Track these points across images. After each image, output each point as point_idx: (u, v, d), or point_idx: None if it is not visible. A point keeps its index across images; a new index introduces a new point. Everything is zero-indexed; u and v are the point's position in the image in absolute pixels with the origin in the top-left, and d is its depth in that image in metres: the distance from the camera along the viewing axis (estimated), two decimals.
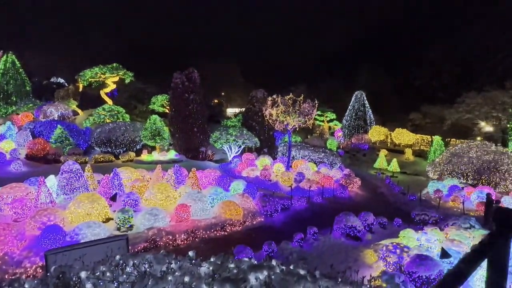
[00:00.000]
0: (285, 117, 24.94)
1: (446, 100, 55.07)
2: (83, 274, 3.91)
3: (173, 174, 18.92)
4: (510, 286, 6.71)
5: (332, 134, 51.80)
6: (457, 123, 47.76)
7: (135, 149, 30.98)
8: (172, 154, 30.10)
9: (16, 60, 44.68)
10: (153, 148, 31.41)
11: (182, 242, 13.77)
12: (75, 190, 16.30)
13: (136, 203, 15.88)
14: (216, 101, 72.73)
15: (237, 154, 31.43)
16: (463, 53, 67.31)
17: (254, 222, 16.35)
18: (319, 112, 51.48)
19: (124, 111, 40.00)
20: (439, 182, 24.90)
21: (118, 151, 30.02)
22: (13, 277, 9.40)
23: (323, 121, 54.65)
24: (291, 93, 26.21)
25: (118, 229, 13.80)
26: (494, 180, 24.76)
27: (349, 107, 47.54)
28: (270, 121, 25.79)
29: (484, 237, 2.05)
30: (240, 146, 31.48)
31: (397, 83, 72.34)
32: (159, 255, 4.50)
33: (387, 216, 17.09)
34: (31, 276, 10.76)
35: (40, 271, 10.86)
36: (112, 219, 14.50)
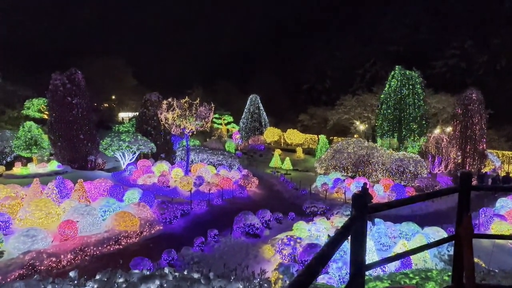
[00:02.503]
0: (182, 121, 24.50)
1: (329, 103, 61.87)
2: None
3: (55, 188, 16.78)
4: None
5: (230, 136, 52.97)
6: (338, 123, 54.13)
7: (4, 162, 26.49)
8: (54, 165, 26.65)
9: None
10: (29, 160, 27.34)
11: (68, 263, 12.32)
12: None
13: (7, 224, 13.60)
14: (105, 105, 67.22)
15: (131, 161, 29.55)
16: (340, 60, 76.50)
17: (153, 231, 15.64)
18: (216, 115, 52.11)
19: None
20: (325, 176, 27.71)
21: None
22: None
23: (221, 124, 55.49)
24: (187, 96, 25.88)
25: None
26: (368, 171, 28.72)
27: (245, 110, 49.34)
28: (166, 125, 25.00)
29: (346, 221, 2.36)
30: (134, 153, 29.69)
31: (287, 87, 78.09)
32: (32, 281, 3.94)
33: (282, 212, 18.27)
34: None
35: None
36: None
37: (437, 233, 13.56)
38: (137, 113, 40.39)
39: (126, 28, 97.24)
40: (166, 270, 3.74)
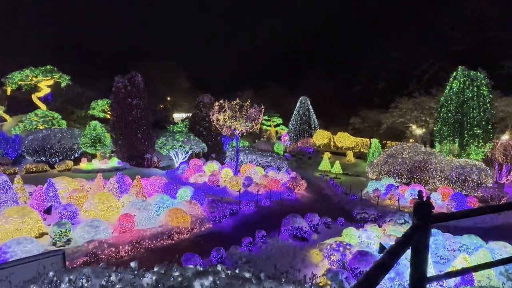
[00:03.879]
0: (233, 122, 25.03)
1: (382, 105, 59.31)
2: None
3: (116, 183, 18.02)
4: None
5: (279, 138, 53.02)
6: (392, 127, 51.68)
7: (73, 157, 28.99)
8: (114, 162, 28.64)
9: None
10: (93, 156, 29.66)
11: (126, 254, 13.14)
12: (2, 204, 14.80)
13: (74, 215, 14.85)
14: (161, 106, 70.78)
15: (184, 160, 30.81)
16: (396, 61, 73.03)
17: (203, 229, 16.12)
18: (266, 117, 52.48)
19: (60, 116, 37.27)
20: (377, 181, 26.63)
21: (53, 160, 27.88)
22: None
23: (270, 125, 55.76)
24: (237, 98, 26.40)
25: (54, 244, 12.79)
26: (424, 178, 27.08)
27: (295, 112, 49.10)
28: (217, 126, 25.71)
29: (407, 230, 2.26)
30: (187, 152, 30.91)
31: (338, 88, 76.29)
32: (98, 268, 4.27)
33: (331, 216, 17.87)
34: None
35: None
36: (47, 233, 13.40)
37: (504, 248, 12.40)
38: (190, 114, 42.02)
39: (180, 33, 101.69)
40: (219, 267, 3.84)
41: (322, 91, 70.19)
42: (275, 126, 56.43)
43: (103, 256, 12.56)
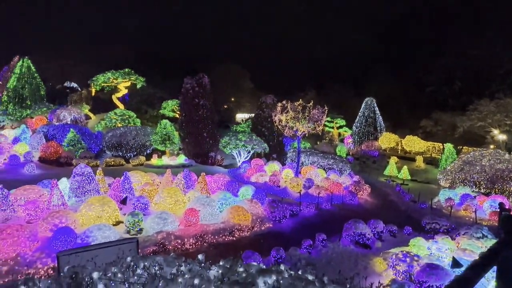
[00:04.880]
0: (295, 123, 24.97)
1: (458, 107, 54.44)
2: (95, 275, 3.99)
3: (183, 179, 19.07)
4: None
5: (341, 140, 51.54)
6: (469, 131, 47.13)
7: (145, 153, 31.30)
8: (181, 159, 30.32)
9: (31, 65, 45.71)
10: (163, 153, 31.70)
11: (191, 247, 13.84)
12: (86, 193, 16.55)
13: (146, 206, 16.04)
14: (225, 106, 73.15)
15: (246, 159, 31.50)
16: (474, 59, 66.50)
17: (263, 228, 16.33)
18: (328, 118, 51.36)
19: (135, 115, 40.50)
20: (451, 190, 24.55)
21: (128, 155, 30.39)
22: (27, 276, 9.55)
23: (332, 127, 54.49)
24: (300, 99, 26.26)
25: (128, 232, 13.94)
26: (508, 189, 24.30)
27: (359, 113, 47.31)
28: (279, 127, 25.85)
29: (493, 245, 2.07)
30: (249, 152, 31.55)
31: (407, 89, 71.74)
32: (169, 257, 4.56)
33: (397, 224, 16.91)
34: (43, 277, 10.93)
35: (52, 272, 11.02)
36: (122, 222, 14.66)
37: None
38: (253, 115, 42.81)
39: (244, 35, 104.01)
40: (282, 267, 3.86)
41: (390, 92, 66.63)
42: (338, 128, 54.99)
43: (170, 247, 13.38)
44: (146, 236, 13.65)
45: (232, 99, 75.26)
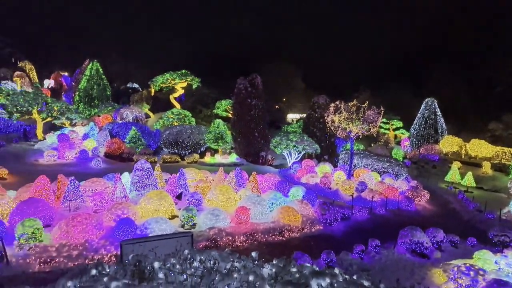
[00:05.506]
0: (348, 124, 24.29)
1: None
2: (156, 265, 4.25)
3: (235, 177, 19.48)
4: None
5: (398, 143, 49.07)
6: None
7: (199, 151, 32.47)
8: (233, 158, 30.99)
9: (99, 67, 49.65)
10: (216, 151, 32.64)
11: (241, 244, 14.09)
12: (145, 187, 17.60)
13: (200, 202, 16.64)
14: (277, 106, 73.27)
15: (296, 160, 31.31)
16: None
17: (313, 230, 16.13)
18: (384, 120, 49.18)
19: (190, 114, 42.17)
20: None
21: (183, 152, 31.74)
22: (97, 261, 10.36)
23: (388, 129, 52.10)
24: (354, 100, 25.49)
25: (182, 226, 14.58)
26: None
27: (418, 115, 44.64)
28: (332, 127, 25.32)
29: None
30: (300, 152, 31.32)
31: (474, 90, 66.20)
32: (224, 253, 4.71)
33: (459, 234, 15.74)
34: (107, 263, 11.84)
35: (114, 259, 11.89)
36: (177, 216, 15.37)
37: None
38: (305, 115, 42.40)
39: (297, 34, 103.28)
40: (336, 270, 3.80)
41: (453, 92, 62.00)
42: (395, 130, 52.43)
43: (221, 243, 13.74)
44: (199, 231, 14.16)
45: (284, 99, 75.17)
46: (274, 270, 3.92)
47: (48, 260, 11.59)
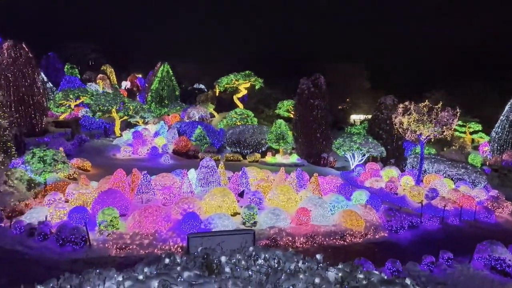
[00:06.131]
0: (418, 126, 22.75)
1: None
2: (223, 259, 4.41)
3: (296, 178, 19.40)
4: None
5: (475, 148, 44.70)
6: None
7: (260, 150, 32.93)
8: (294, 158, 30.88)
9: (170, 69, 52.91)
10: (277, 151, 32.82)
11: (301, 245, 13.99)
12: (210, 184, 18.35)
13: (261, 201, 16.88)
14: (340, 107, 71.35)
15: (360, 162, 30.17)
16: None
17: (377, 236, 15.43)
18: (460, 122, 45.10)
19: (253, 114, 42.96)
20: None
21: (245, 151, 32.44)
22: (169, 252, 11.03)
23: (464, 132, 47.72)
24: (426, 100, 23.80)
25: (244, 223, 14.92)
26: None
27: (501, 117, 40.12)
28: (400, 130, 23.94)
29: None
30: (364, 155, 30.13)
31: None
32: (288, 253, 4.73)
33: None
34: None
35: (180, 250, 12.59)
36: (239, 213, 15.77)
37: None
38: (369, 116, 40.70)
39: (362, 33, 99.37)
40: (408, 281, 3.60)
41: None
42: (472, 133, 47.85)
43: (281, 243, 13.79)
44: (259, 229, 14.37)
45: (347, 99, 72.94)
46: (340, 274, 3.84)
47: (123, 246, 12.68)
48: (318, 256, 4.52)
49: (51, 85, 46.64)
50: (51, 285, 3.60)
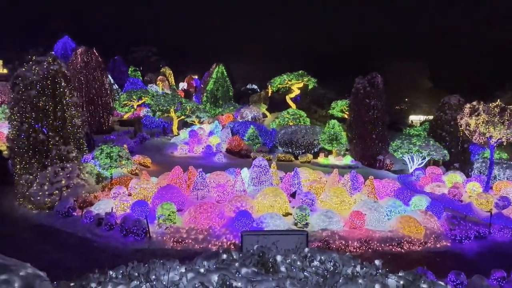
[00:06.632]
0: (488, 128, 20.88)
1: None
2: (278, 258, 4.44)
3: (350, 180, 18.87)
4: None
5: None
6: None
7: (312, 151, 32.50)
8: (348, 160, 30.04)
9: (224, 70, 54.33)
10: (329, 152, 32.18)
11: (355, 250, 13.59)
12: (262, 183, 18.53)
13: (313, 202, 16.67)
14: (398, 107, 67.87)
15: (419, 166, 28.44)
16: None
17: (438, 245, 14.46)
18: None
19: (305, 115, 42.53)
20: None
21: (297, 152, 32.24)
22: (225, 248, 11.41)
23: None
24: (498, 100, 21.77)
25: (295, 224, 14.85)
26: None
27: None
28: (466, 132, 22.17)
29: None
30: (424, 158, 28.35)
31: None
32: (345, 256, 4.63)
33: None
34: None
35: (233, 247, 12.88)
36: (291, 214, 15.73)
37: None
38: (431, 117, 38.23)
39: (424, 29, 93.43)
40: None
41: None
42: None
43: (334, 246, 13.50)
44: (311, 231, 14.20)
45: (406, 99, 69.17)
46: (402, 282, 3.67)
47: (180, 240, 13.30)
48: (377, 262, 4.36)
49: (117, 87, 50.33)
50: (121, 271, 3.90)
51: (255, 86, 75.82)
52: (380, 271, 4.25)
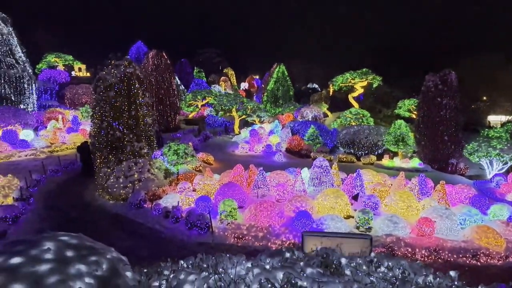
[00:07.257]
0: None
1: None
2: (343, 261, 4.35)
3: (418, 184, 17.70)
4: None
5: None
6: None
7: (376, 152, 31.09)
8: (415, 163, 28.20)
9: (285, 70, 54.36)
10: (395, 154, 30.51)
11: (422, 259, 12.73)
12: (322, 184, 18.22)
13: (376, 206, 15.96)
14: (473, 106, 61.98)
15: (500, 172, 25.67)
16: None
17: None
18: None
19: (369, 114, 40.82)
20: None
21: (360, 153, 31.08)
22: (288, 247, 11.45)
23: None
24: None
25: (357, 228, 14.35)
26: None
27: None
28: None
29: None
30: (506, 163, 25.52)
31: None
32: (415, 264, 4.38)
33: None
34: None
35: (293, 247, 12.87)
36: (352, 217, 15.23)
37: None
38: None
39: (506, 21, 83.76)
40: None
41: None
42: None
43: (399, 253, 12.78)
44: (375, 236, 13.59)
45: (484, 98, 62.88)
46: None
47: (240, 236, 13.63)
48: (452, 273, 4.06)
49: (183, 88, 53.12)
50: (191, 262, 4.13)
51: (315, 85, 74.71)
52: (456, 283, 3.95)
